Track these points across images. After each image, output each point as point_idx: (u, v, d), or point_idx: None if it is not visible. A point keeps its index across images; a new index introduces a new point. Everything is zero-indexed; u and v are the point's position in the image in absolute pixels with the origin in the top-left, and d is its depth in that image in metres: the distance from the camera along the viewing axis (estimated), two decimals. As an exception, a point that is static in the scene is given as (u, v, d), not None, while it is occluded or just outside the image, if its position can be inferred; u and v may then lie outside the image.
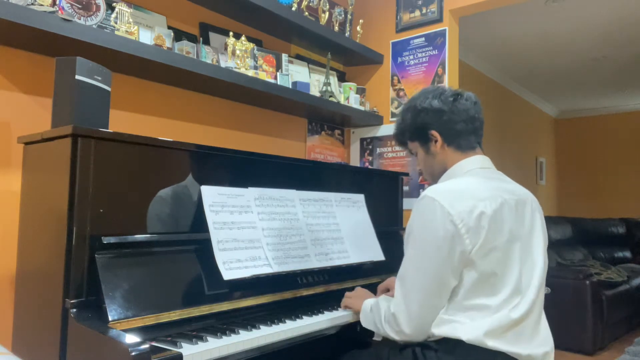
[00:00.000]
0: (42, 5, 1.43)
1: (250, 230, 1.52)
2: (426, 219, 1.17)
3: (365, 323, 1.38)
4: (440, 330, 1.16)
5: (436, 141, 1.33)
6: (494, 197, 1.19)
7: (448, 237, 1.13)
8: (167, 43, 1.81)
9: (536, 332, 1.20)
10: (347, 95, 2.65)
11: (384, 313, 1.25)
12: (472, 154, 1.32)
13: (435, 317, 1.17)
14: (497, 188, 1.23)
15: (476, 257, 1.14)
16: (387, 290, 1.64)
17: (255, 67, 2.18)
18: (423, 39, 2.69)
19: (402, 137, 1.44)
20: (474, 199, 1.16)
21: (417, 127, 1.35)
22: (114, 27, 1.65)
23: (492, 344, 1.11)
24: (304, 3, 2.42)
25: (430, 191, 1.20)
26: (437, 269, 1.15)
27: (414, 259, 1.19)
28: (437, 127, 1.31)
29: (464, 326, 1.13)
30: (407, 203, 2.45)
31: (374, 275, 1.86)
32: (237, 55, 2.03)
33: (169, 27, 1.98)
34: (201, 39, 2.13)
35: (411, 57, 2.73)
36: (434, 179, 1.39)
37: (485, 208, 1.16)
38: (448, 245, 1.14)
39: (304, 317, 1.44)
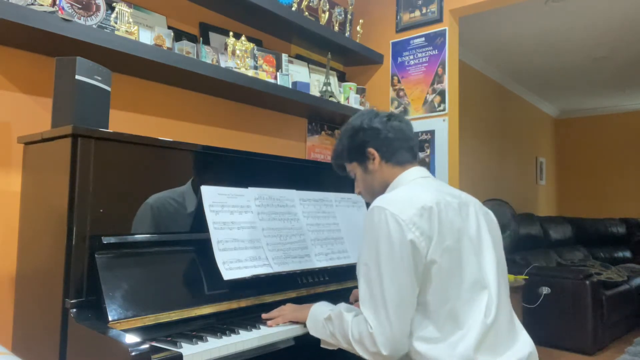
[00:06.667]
0: (42, 5, 1.43)
1: (250, 230, 1.52)
2: (380, 230, 1.15)
3: (317, 332, 1.30)
4: (421, 348, 1.13)
5: (374, 159, 1.35)
6: (437, 199, 1.20)
7: (405, 244, 1.12)
8: (167, 43, 1.81)
9: (513, 334, 1.20)
10: (347, 95, 2.65)
11: (354, 330, 1.17)
12: (410, 167, 1.35)
13: (408, 330, 1.14)
14: (440, 192, 1.25)
15: (435, 257, 1.14)
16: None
17: (255, 67, 2.18)
18: (423, 39, 2.69)
19: (340, 159, 1.44)
20: (421, 202, 1.17)
21: (355, 146, 1.37)
22: (114, 27, 1.65)
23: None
24: (304, 3, 2.42)
25: (378, 202, 1.20)
26: (403, 280, 1.12)
27: (376, 275, 1.14)
28: (374, 144, 1.34)
29: (443, 348, 1.11)
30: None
31: (374, 275, 1.86)
32: (237, 55, 2.03)
33: (169, 27, 1.98)
34: (201, 39, 2.13)
35: (411, 57, 2.73)
36: (375, 198, 1.34)
37: (432, 210, 1.17)
38: (407, 253, 1.12)
39: (304, 317, 1.44)
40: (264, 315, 1.40)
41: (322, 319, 1.28)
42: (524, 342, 1.22)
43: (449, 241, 1.17)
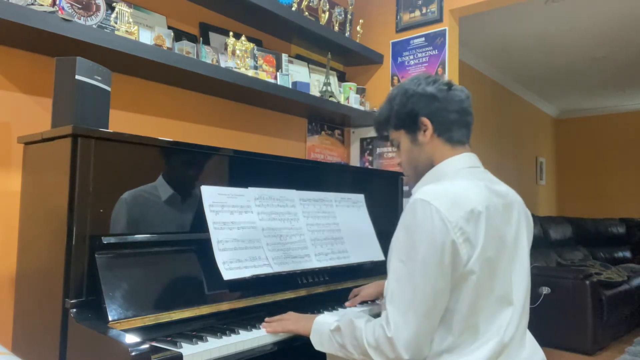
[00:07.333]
0: (42, 5, 1.43)
1: (250, 230, 1.52)
2: (421, 226, 1.04)
3: (323, 346, 1.20)
4: None
5: (425, 130, 1.20)
6: (487, 202, 1.10)
7: (447, 247, 1.02)
8: (167, 43, 1.81)
9: (522, 345, 1.15)
10: (347, 95, 2.64)
11: (369, 337, 1.08)
12: (461, 150, 1.23)
13: (432, 336, 1.06)
14: (487, 190, 1.14)
15: (475, 268, 1.05)
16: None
17: (255, 67, 2.18)
18: (423, 39, 2.69)
19: (385, 124, 1.29)
20: (470, 204, 1.06)
21: (406, 112, 1.22)
22: (114, 27, 1.65)
23: None
24: (304, 3, 2.42)
25: (422, 194, 1.08)
26: (438, 284, 1.03)
27: (411, 274, 1.04)
28: (428, 114, 1.20)
29: (455, 357, 1.06)
30: (407, 203, 2.45)
31: (373, 276, 1.86)
32: (237, 55, 2.03)
33: (169, 27, 1.98)
34: (201, 39, 2.13)
35: (411, 57, 2.73)
36: (417, 173, 1.26)
37: (481, 216, 1.07)
38: (448, 256, 1.03)
39: (304, 317, 1.44)
40: (267, 320, 1.35)
41: (328, 331, 1.19)
42: (534, 352, 1.17)
43: (490, 252, 1.07)
